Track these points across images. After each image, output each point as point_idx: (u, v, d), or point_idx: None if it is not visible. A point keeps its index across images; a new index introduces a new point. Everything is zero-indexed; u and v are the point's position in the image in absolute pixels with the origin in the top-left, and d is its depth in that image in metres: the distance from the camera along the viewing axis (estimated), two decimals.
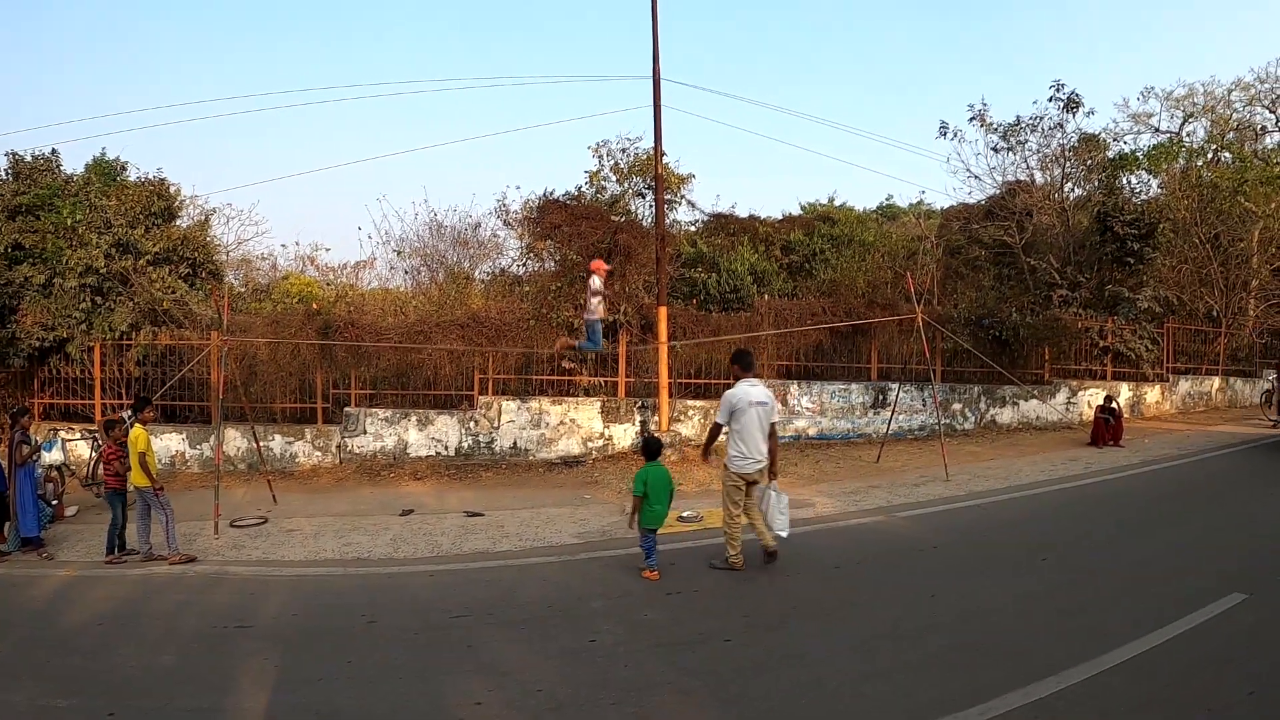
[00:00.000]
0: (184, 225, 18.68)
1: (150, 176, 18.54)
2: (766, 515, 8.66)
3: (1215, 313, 26.70)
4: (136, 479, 9.69)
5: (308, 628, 7.10)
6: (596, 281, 12.91)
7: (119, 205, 16.66)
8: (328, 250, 39.09)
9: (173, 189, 18.29)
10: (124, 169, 20.18)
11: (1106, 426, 17.20)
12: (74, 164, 21.16)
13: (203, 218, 21.21)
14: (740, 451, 8.49)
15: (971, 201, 27.15)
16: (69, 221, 15.40)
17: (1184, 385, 24.10)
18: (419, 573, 8.92)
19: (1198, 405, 24.40)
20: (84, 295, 15.34)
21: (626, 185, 20.51)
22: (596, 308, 12.88)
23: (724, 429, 8.72)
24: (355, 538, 10.46)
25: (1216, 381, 25.29)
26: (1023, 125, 24.86)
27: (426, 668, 6.02)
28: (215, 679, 5.87)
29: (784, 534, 8.77)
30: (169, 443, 15.15)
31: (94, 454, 13.91)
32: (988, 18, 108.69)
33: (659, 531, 8.62)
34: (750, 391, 8.52)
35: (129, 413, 10.53)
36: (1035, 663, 5.69)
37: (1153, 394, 22.97)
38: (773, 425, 8.63)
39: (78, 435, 14.77)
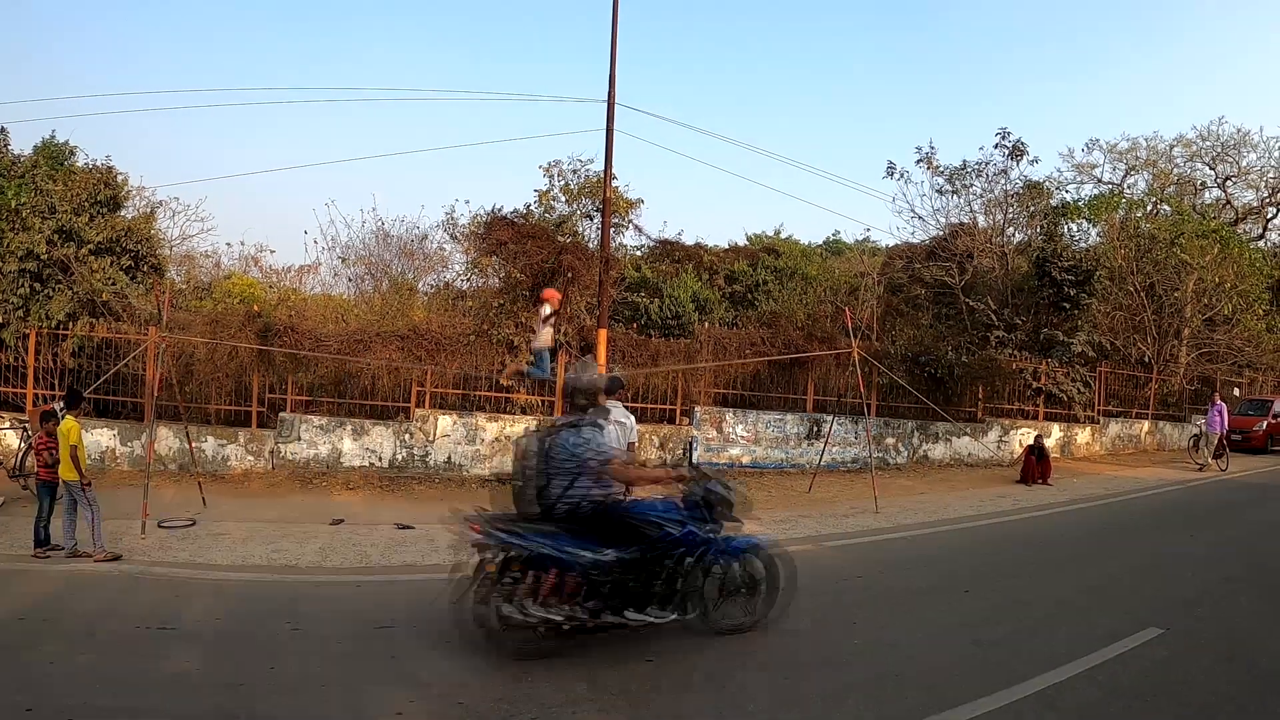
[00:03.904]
0: (129, 216, 18.37)
1: (98, 163, 18.23)
2: None
3: (1147, 359, 27.45)
4: (65, 472, 9.59)
5: (231, 632, 7.09)
6: (547, 309, 13.02)
7: (65, 191, 16.38)
8: (272, 252, 38.75)
9: (120, 178, 17.96)
10: (72, 153, 19.93)
11: (1037, 465, 17.60)
12: (22, 144, 20.85)
13: (148, 210, 20.85)
14: None
15: (915, 241, 27.79)
16: (13, 203, 15.17)
17: (1114, 428, 24.77)
18: (346, 582, 8.95)
19: (1127, 447, 25.08)
20: (23, 280, 15.13)
21: (575, 206, 20.57)
22: (544, 336, 13.02)
23: None
24: (284, 544, 10.43)
25: (1146, 425, 26.00)
26: (968, 170, 25.56)
27: (349, 677, 6.06)
28: (135, 681, 5.88)
29: None
30: (100, 438, 14.92)
31: (23, 444, 13.67)
32: (941, 63, 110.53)
33: None
34: (613, 412, 9.19)
35: (61, 404, 10.41)
36: (950, 693, 5.84)
37: (1083, 435, 23.57)
38: (631, 444, 9.34)
39: (7, 424, 14.51)
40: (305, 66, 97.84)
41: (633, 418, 9.65)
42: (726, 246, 30.79)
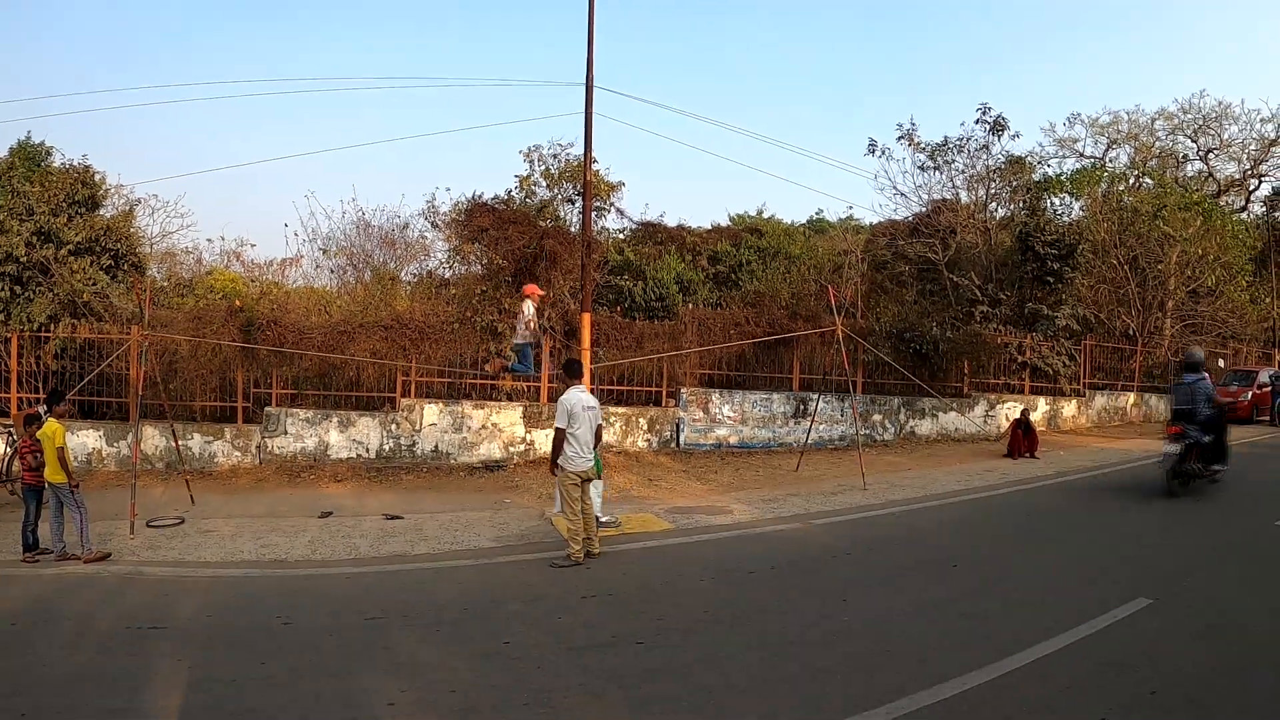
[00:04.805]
0: (108, 215, 18.22)
1: (75, 163, 18.08)
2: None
3: (1132, 331, 27.61)
4: (52, 475, 9.56)
5: (223, 629, 7.11)
6: (529, 308, 12.97)
7: (42, 192, 16.27)
8: (254, 246, 38.53)
9: (98, 177, 17.83)
10: (49, 154, 19.77)
11: (1023, 438, 17.67)
12: None
13: (127, 208, 20.62)
14: (576, 451, 9.34)
15: (898, 218, 27.84)
16: None
17: (1100, 400, 24.87)
18: (336, 575, 8.96)
19: (1113, 420, 25.17)
20: (2, 284, 15.07)
21: (557, 191, 20.55)
22: (524, 332, 13.00)
23: (565, 432, 9.44)
24: (273, 539, 10.45)
25: (1132, 397, 26.11)
26: (950, 145, 25.58)
27: (341, 669, 6.09)
28: (129, 680, 5.88)
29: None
30: (86, 439, 14.89)
31: (9, 449, 13.61)
32: (921, 40, 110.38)
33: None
34: (582, 397, 9.47)
35: (44, 407, 10.37)
36: (941, 666, 5.88)
37: (1069, 408, 23.67)
38: (599, 426, 9.69)
39: None
40: (282, 58, 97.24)
41: (596, 401, 9.82)
42: (709, 227, 30.79)
